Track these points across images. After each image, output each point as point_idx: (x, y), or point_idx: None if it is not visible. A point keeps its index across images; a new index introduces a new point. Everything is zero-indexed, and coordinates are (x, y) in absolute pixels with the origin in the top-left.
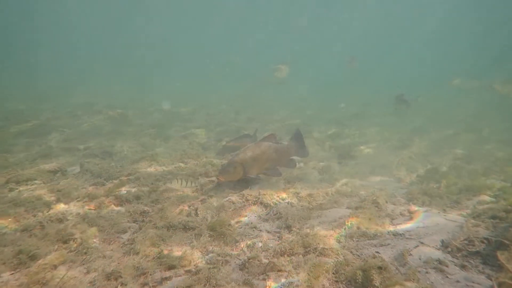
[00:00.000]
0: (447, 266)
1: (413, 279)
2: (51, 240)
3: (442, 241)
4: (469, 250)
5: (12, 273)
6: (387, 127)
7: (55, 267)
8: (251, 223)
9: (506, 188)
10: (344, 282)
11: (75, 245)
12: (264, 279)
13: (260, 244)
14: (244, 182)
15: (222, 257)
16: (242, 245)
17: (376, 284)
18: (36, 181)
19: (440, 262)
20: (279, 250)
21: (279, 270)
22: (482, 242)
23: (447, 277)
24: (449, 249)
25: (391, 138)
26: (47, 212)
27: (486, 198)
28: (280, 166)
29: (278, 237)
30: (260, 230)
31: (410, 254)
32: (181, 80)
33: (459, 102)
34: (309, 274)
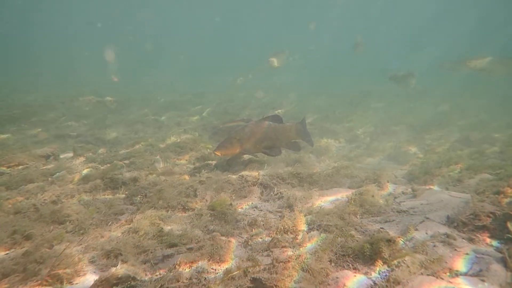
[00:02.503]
0: (455, 240)
1: (422, 252)
2: (46, 222)
3: (448, 217)
4: (476, 224)
5: (7, 253)
6: None
7: (51, 246)
8: (252, 203)
9: (507, 166)
10: (351, 256)
11: (71, 226)
12: (268, 255)
13: (262, 223)
14: (242, 164)
15: (224, 236)
16: (243, 224)
17: (385, 256)
18: (28, 165)
19: (447, 236)
20: (281, 227)
21: (283, 247)
22: (488, 216)
23: (456, 250)
24: (455, 224)
25: None
26: (41, 195)
27: (488, 176)
28: (282, 147)
29: (280, 216)
30: (261, 210)
31: (416, 229)
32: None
33: None
34: (316, 248)
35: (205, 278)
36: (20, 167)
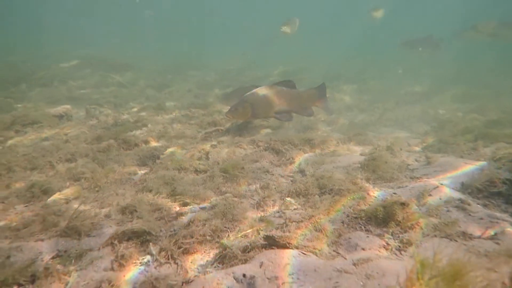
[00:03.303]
0: (469, 205)
1: (436, 216)
2: (62, 178)
3: (462, 183)
4: (491, 190)
5: (26, 205)
6: None
7: (68, 201)
8: (263, 167)
9: None
10: (363, 218)
11: (87, 183)
12: (280, 217)
13: (274, 186)
14: (254, 129)
15: (237, 197)
16: (255, 187)
17: (398, 219)
18: (42, 124)
19: (462, 201)
20: (294, 190)
21: (296, 208)
22: (504, 183)
23: (470, 214)
24: (470, 190)
25: None
26: (56, 153)
27: (504, 144)
28: (295, 112)
29: (292, 181)
30: (273, 174)
31: (430, 195)
32: None
33: None
34: (329, 210)
35: (218, 236)
36: (35, 125)
